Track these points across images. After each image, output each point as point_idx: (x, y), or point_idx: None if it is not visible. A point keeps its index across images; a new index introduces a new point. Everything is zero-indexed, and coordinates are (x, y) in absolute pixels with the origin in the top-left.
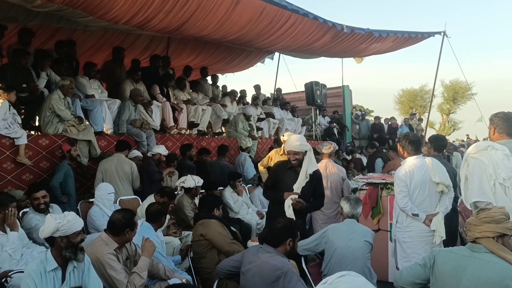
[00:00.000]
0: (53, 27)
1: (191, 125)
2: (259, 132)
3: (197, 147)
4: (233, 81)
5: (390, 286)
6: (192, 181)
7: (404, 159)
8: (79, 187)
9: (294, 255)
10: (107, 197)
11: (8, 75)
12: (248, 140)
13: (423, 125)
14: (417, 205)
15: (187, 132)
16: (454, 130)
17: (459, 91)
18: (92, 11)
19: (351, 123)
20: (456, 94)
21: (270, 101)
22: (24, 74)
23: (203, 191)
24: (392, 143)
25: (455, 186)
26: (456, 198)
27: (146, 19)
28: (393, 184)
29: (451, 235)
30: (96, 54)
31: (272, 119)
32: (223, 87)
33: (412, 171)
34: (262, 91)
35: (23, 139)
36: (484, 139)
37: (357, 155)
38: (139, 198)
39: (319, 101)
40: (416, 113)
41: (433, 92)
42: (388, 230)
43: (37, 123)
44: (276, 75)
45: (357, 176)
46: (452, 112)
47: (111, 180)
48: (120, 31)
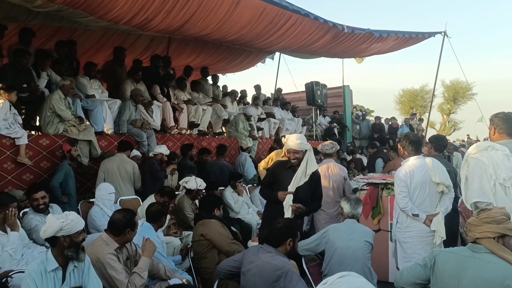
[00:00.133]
0: (53, 26)
1: (192, 125)
2: (260, 132)
3: (197, 147)
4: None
5: (390, 286)
6: (195, 183)
7: (404, 159)
8: (80, 187)
9: (295, 255)
10: (108, 197)
11: (8, 75)
12: (249, 140)
13: (424, 125)
14: (417, 205)
15: (188, 132)
16: (454, 130)
17: (459, 91)
18: (93, 11)
19: (351, 123)
20: (457, 94)
21: (270, 101)
22: (25, 74)
23: (203, 191)
24: (393, 143)
25: (456, 186)
26: (456, 198)
27: (147, 19)
28: (393, 184)
29: (452, 236)
30: (96, 54)
31: (272, 119)
32: (224, 87)
33: (413, 171)
34: (262, 91)
35: (23, 139)
36: (485, 139)
37: (357, 155)
38: (140, 198)
39: (319, 101)
40: (417, 113)
41: (433, 92)
42: (389, 230)
43: (37, 123)
44: (277, 75)
45: (357, 176)
46: (452, 112)
47: (113, 180)
48: (121, 31)
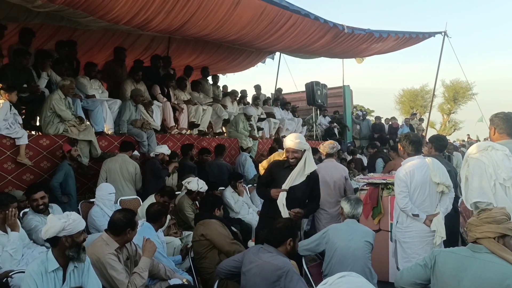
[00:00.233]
0: (54, 26)
1: (192, 125)
2: (260, 132)
3: (197, 147)
4: (233, 81)
5: (390, 287)
6: (196, 185)
7: (404, 159)
8: (80, 187)
9: (295, 255)
10: (108, 197)
11: (9, 75)
12: (249, 140)
13: (424, 125)
14: (417, 205)
15: (188, 132)
16: (454, 130)
17: (459, 91)
18: (93, 12)
19: (351, 123)
20: (457, 94)
21: (270, 101)
22: (25, 74)
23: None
24: (393, 143)
25: (456, 186)
26: (456, 198)
27: (147, 19)
28: (393, 184)
29: (453, 235)
30: (96, 54)
31: (272, 119)
32: (224, 87)
33: (413, 171)
34: (263, 91)
35: (23, 139)
36: (485, 139)
37: (357, 155)
38: (140, 199)
39: (319, 101)
40: (417, 113)
41: (433, 92)
42: (389, 230)
43: (38, 123)
44: (277, 75)
45: (357, 176)
46: (452, 112)
47: (115, 179)
48: (121, 31)
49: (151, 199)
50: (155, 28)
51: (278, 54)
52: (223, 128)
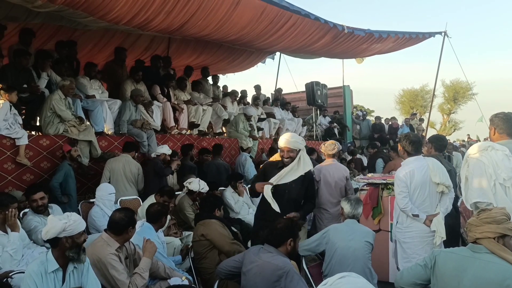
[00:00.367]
0: (53, 26)
1: (192, 125)
2: (260, 132)
3: (197, 147)
4: (233, 81)
5: (390, 287)
6: (197, 185)
7: (404, 159)
8: (80, 187)
9: (295, 255)
10: (108, 197)
11: (9, 75)
12: (249, 140)
13: (424, 125)
14: (417, 205)
15: (188, 132)
16: (455, 130)
17: (459, 91)
18: (93, 12)
19: (351, 123)
20: (457, 94)
21: (270, 101)
22: (25, 74)
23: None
24: (393, 143)
25: (456, 185)
26: (456, 197)
27: (147, 19)
28: (393, 184)
29: (454, 236)
30: (97, 55)
31: (272, 119)
32: (224, 87)
33: (413, 171)
34: (263, 91)
35: (24, 139)
36: (485, 139)
37: (357, 155)
38: (140, 199)
39: (319, 101)
40: (417, 113)
41: (433, 92)
42: (389, 230)
43: (38, 124)
44: (277, 75)
45: (357, 177)
46: (453, 112)
47: (118, 179)
48: (121, 31)
49: (151, 199)
50: (155, 28)
51: (278, 54)
52: (223, 128)
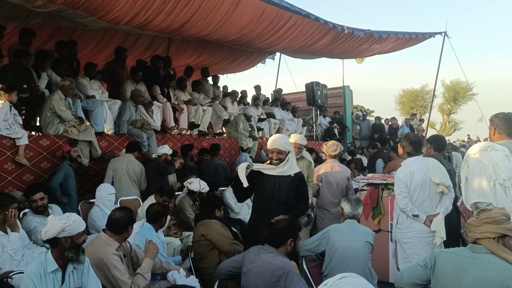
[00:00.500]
0: (54, 26)
1: (192, 125)
2: (260, 132)
3: (197, 147)
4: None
5: (390, 287)
6: (198, 185)
7: (404, 159)
8: (80, 187)
9: (295, 256)
10: (108, 197)
11: (9, 75)
12: (249, 140)
13: (424, 125)
14: (417, 206)
15: (188, 132)
16: (455, 130)
17: (459, 91)
18: (93, 12)
19: (352, 123)
20: (457, 94)
21: (270, 101)
22: (25, 74)
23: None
24: (393, 143)
25: (455, 185)
26: (456, 197)
27: (147, 19)
28: (393, 184)
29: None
30: (97, 55)
31: (272, 120)
32: (224, 88)
33: (412, 171)
34: (263, 92)
35: (24, 139)
36: (485, 139)
37: (357, 155)
38: (141, 199)
39: (319, 101)
40: (417, 113)
41: (434, 92)
42: (389, 230)
43: (37, 124)
44: (277, 75)
45: (358, 177)
46: (453, 112)
47: (121, 179)
48: (121, 31)
49: (151, 199)
50: (155, 28)
51: (278, 54)
52: (223, 129)
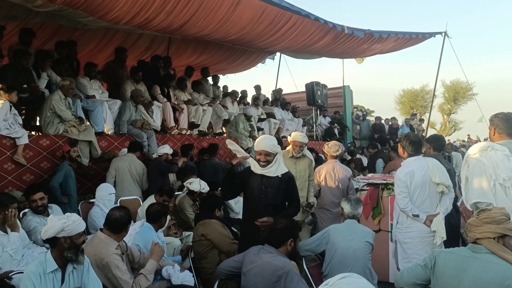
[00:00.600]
0: (54, 26)
1: (192, 125)
2: (260, 132)
3: (197, 147)
4: (234, 81)
5: (390, 287)
6: (198, 185)
7: (404, 159)
8: (80, 187)
9: (296, 256)
10: (108, 197)
11: (9, 75)
12: (249, 140)
13: (424, 125)
14: (417, 205)
15: (188, 132)
16: (455, 130)
17: (460, 91)
18: (93, 12)
19: (352, 123)
20: (457, 94)
21: (270, 101)
22: (25, 74)
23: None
24: (393, 143)
25: (455, 185)
26: (456, 197)
27: (147, 19)
28: (393, 184)
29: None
30: (97, 55)
31: (272, 119)
32: (224, 88)
33: (413, 171)
34: (263, 92)
35: (24, 138)
36: (485, 139)
37: (357, 155)
38: (141, 199)
39: (319, 101)
40: (417, 113)
41: (434, 92)
42: (389, 230)
43: (37, 124)
44: (277, 75)
45: (358, 177)
46: (453, 112)
47: (123, 178)
48: (121, 31)
49: (151, 199)
50: (155, 28)
51: (278, 54)
52: (223, 129)
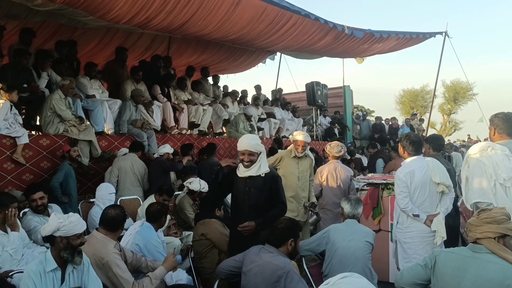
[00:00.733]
0: (54, 25)
1: (192, 125)
2: (260, 132)
3: (197, 147)
4: (234, 81)
5: (391, 287)
6: (198, 185)
7: (404, 159)
8: (80, 187)
9: (296, 256)
10: (108, 197)
11: (9, 75)
12: None
13: (424, 125)
14: (417, 205)
15: (188, 132)
16: (455, 130)
17: (460, 91)
18: (93, 11)
19: (352, 123)
20: (457, 94)
21: (269, 101)
22: (25, 74)
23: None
24: (393, 143)
25: (455, 185)
26: (456, 197)
27: (147, 19)
28: (394, 184)
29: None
30: (97, 54)
31: (273, 119)
32: (224, 87)
33: (413, 171)
34: (263, 92)
35: (24, 138)
36: (485, 139)
37: (357, 155)
38: (142, 198)
39: (320, 101)
40: (417, 113)
41: (434, 92)
42: (389, 230)
43: (38, 123)
44: (277, 75)
45: (358, 177)
46: (453, 112)
47: (125, 177)
48: (122, 31)
49: (151, 199)
50: (155, 27)
51: (278, 54)
52: (223, 128)
